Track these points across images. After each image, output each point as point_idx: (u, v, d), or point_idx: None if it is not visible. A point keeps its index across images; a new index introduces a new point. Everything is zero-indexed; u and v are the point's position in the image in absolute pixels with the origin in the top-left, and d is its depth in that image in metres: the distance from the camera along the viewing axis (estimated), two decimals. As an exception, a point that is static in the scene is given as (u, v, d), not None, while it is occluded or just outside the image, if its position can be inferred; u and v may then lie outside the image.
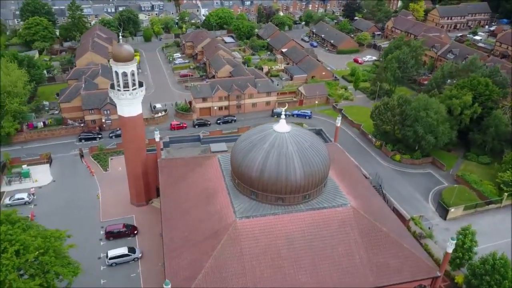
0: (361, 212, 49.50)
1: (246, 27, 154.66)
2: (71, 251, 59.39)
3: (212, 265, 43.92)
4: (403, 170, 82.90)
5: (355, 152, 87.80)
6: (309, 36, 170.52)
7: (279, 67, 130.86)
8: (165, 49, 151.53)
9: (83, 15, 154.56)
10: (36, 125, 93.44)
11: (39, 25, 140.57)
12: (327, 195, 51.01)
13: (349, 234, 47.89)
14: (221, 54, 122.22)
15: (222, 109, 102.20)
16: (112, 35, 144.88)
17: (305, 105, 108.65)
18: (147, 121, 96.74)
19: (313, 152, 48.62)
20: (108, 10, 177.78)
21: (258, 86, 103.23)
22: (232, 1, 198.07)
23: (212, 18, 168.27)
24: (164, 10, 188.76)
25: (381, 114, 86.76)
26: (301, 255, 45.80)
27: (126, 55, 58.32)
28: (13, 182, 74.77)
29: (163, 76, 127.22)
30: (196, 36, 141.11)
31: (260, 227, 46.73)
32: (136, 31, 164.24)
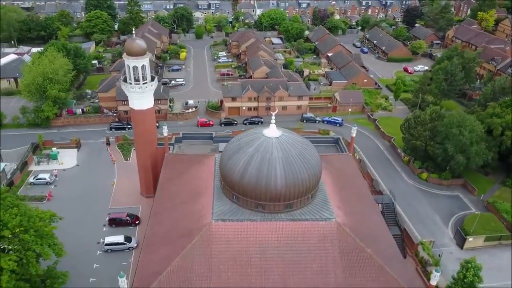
0: (345, 229, 46.52)
1: (295, 29, 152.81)
2: (74, 232, 63.39)
3: (179, 264, 43.69)
4: (428, 189, 77.05)
5: (379, 166, 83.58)
6: (361, 41, 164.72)
7: (320, 71, 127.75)
8: (213, 47, 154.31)
9: (140, 11, 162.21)
10: (75, 111, 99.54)
11: (99, 19, 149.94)
12: (313, 207, 48.60)
13: (328, 250, 45.23)
14: (261, 54, 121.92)
15: (251, 109, 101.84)
16: (163, 30, 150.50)
17: (339, 112, 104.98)
18: (176, 116, 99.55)
19: (299, 160, 46.57)
20: (167, 7, 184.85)
21: (290, 89, 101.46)
22: (288, 3, 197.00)
23: (264, 18, 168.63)
24: (220, 9, 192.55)
25: (411, 128, 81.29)
26: (272, 266, 44.07)
27: (137, 49, 59.84)
28: (42, 163, 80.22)
29: (204, 74, 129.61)
30: (242, 35, 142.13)
31: (235, 232, 45.67)
32: (188, 28, 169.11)
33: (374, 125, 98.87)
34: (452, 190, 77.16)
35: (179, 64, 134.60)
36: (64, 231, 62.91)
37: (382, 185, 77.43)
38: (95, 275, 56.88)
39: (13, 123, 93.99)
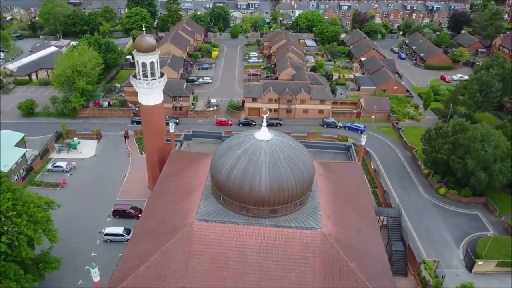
0: (330, 240, 44.75)
1: (330, 31, 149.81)
2: (80, 219, 65.68)
3: (157, 260, 43.90)
4: (444, 206, 72.76)
5: (396, 177, 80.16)
6: (400, 47, 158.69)
7: (350, 76, 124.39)
8: (246, 47, 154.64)
9: (179, 9, 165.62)
10: (102, 104, 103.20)
11: (139, 15, 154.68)
12: (300, 214, 47.15)
13: (308, 261, 43.70)
14: (289, 56, 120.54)
15: (271, 111, 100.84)
16: (198, 29, 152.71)
17: (363, 118, 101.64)
18: (197, 114, 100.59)
19: (287, 165, 45.33)
20: (207, 6, 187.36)
21: (313, 92, 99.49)
22: (328, 5, 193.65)
23: (300, 20, 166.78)
24: (259, 9, 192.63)
25: (431, 140, 77.13)
26: (249, 271, 43.21)
27: (146, 46, 60.82)
28: (62, 151, 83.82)
29: (233, 73, 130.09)
30: (274, 36, 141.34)
31: (216, 234, 45.22)
32: (225, 27, 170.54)
33: (397, 134, 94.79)
34: (471, 208, 72.36)
35: (209, 63, 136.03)
36: (70, 218, 66.14)
37: (394, 197, 74.09)
38: (90, 264, 58.26)
39: (44, 112, 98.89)
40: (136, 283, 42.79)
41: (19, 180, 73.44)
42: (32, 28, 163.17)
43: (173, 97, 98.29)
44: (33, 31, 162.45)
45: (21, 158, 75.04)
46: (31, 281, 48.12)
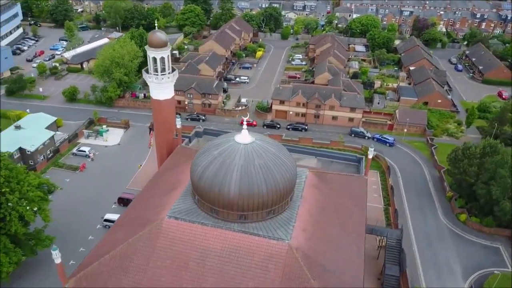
0: (296, 254, 42.71)
1: (382, 37, 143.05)
2: (87, 203, 69.16)
3: (122, 250, 44.74)
4: (462, 234, 66.43)
5: (416, 196, 74.94)
6: (459, 58, 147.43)
7: (393, 85, 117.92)
8: (293, 49, 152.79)
9: (232, 8, 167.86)
10: (138, 95, 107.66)
11: (192, 12, 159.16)
12: (272, 223, 45.52)
13: (269, 272, 42.03)
14: (330, 60, 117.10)
15: (298, 115, 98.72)
16: (247, 28, 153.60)
17: (395, 131, 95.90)
18: (224, 112, 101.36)
19: (260, 171, 43.94)
20: (262, 5, 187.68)
21: (343, 99, 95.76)
22: (389, 10, 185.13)
23: (354, 24, 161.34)
24: (315, 11, 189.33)
25: (457, 160, 70.72)
26: (207, 275, 42.56)
27: (156, 41, 62.12)
28: (90, 137, 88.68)
29: (273, 74, 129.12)
30: (320, 39, 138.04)
31: (183, 232, 45.09)
32: (276, 28, 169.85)
33: (430, 151, 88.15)
34: (493, 240, 65.29)
35: (251, 62, 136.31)
36: (78, 201, 70.14)
37: (406, 218, 69.08)
38: (85, 246, 61.18)
39: (85, 99, 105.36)
40: (99, 270, 43.96)
41: (45, 160, 78.92)
42: (96, 20, 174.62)
43: (203, 94, 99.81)
44: (97, 23, 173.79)
45: (49, 140, 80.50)
46: (20, 255, 51.49)
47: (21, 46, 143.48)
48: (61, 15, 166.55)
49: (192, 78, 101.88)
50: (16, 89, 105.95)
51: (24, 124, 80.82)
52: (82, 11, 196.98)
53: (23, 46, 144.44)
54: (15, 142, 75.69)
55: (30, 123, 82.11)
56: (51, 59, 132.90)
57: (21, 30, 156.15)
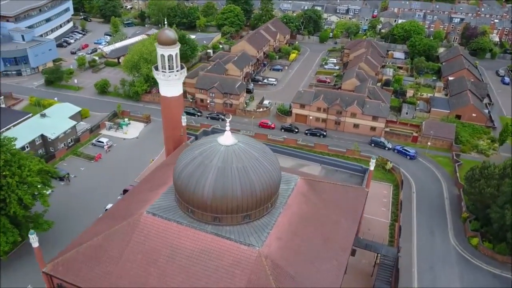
0: (264, 262, 41.70)
1: (424, 45, 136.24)
2: (94, 192, 71.72)
3: (99, 241, 45.99)
4: (471, 259, 61.74)
5: (427, 214, 70.96)
6: (508, 70, 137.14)
7: (428, 95, 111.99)
8: (329, 52, 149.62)
9: (272, 8, 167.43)
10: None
11: (232, 12, 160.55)
12: (246, 228, 44.81)
13: (234, 278, 41.38)
14: (360, 66, 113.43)
15: (319, 120, 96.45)
16: (283, 30, 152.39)
17: (419, 143, 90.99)
18: (244, 113, 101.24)
19: (236, 175, 43.38)
20: (305, 7, 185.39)
21: (366, 107, 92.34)
22: (437, 16, 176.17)
23: (396, 30, 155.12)
24: (358, 15, 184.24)
25: (474, 180, 65.80)
26: (175, 273, 42.62)
27: (164, 39, 63.16)
28: (111, 129, 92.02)
29: (303, 78, 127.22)
30: (355, 44, 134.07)
31: (158, 229, 45.56)
32: (315, 30, 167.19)
33: (453, 167, 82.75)
34: (505, 269, 60.02)
35: (283, 65, 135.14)
36: (87, 190, 72.90)
37: (412, 236, 65.29)
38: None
39: (114, 92, 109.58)
40: (75, 258, 45.48)
41: (65, 148, 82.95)
42: (141, 17, 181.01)
43: (224, 94, 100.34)
44: (141, 20, 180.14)
45: (71, 129, 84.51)
46: (16, 235, 54.39)
47: (68, 39, 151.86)
48: (109, 11, 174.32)
49: (215, 77, 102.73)
50: (53, 79, 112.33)
51: (50, 113, 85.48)
52: (131, 8, 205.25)
53: (70, 39, 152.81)
54: (38, 129, 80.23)
55: (55, 112, 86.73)
56: (93, 53, 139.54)
57: (71, 24, 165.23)
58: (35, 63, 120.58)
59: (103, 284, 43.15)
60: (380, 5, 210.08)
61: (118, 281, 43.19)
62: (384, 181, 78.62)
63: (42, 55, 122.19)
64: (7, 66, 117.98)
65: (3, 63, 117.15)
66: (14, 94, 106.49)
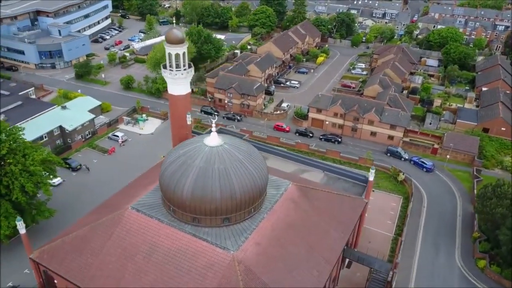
0: (237, 267, 41.13)
1: (459, 53, 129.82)
2: (101, 185, 73.77)
3: (84, 232, 47.17)
4: (476, 282, 58.09)
5: (435, 230, 67.85)
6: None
7: (456, 106, 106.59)
8: (359, 57, 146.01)
9: (304, 11, 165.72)
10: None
11: (263, 13, 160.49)
12: (225, 231, 44.38)
13: (205, 280, 41.08)
14: (386, 72, 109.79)
15: (335, 126, 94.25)
16: (313, 32, 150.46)
17: (439, 155, 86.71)
18: (261, 115, 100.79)
19: (217, 177, 43.05)
20: (340, 10, 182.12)
21: (384, 115, 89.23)
22: (480, 23, 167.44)
23: (432, 36, 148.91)
24: (395, 20, 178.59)
25: (486, 198, 61.85)
26: (149, 270, 42.91)
27: (171, 38, 63.45)
28: (129, 124, 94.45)
29: (327, 81, 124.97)
30: (385, 50, 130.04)
31: (139, 225, 46.09)
32: (348, 34, 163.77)
33: (472, 183, 78.19)
34: (512, 296, 55.95)
35: (309, 68, 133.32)
36: (95, 182, 75.02)
37: (414, 252, 62.24)
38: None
39: (138, 88, 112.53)
40: (60, 247, 46.96)
41: (81, 140, 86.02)
42: (176, 16, 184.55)
43: (242, 95, 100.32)
44: (177, 19, 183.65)
45: (89, 122, 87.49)
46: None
47: (104, 35, 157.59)
48: (146, 9, 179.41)
49: (234, 78, 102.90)
50: (83, 73, 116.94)
51: (70, 105, 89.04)
52: (169, 6, 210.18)
53: (106, 35, 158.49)
54: (58, 120, 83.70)
55: (76, 105, 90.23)
56: (125, 49, 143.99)
57: (109, 21, 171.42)
58: (69, 57, 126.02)
59: (83, 275, 44.23)
60: (422, 9, 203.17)
61: (96, 273, 44.13)
62: (394, 193, 75.62)
63: (75, 49, 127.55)
64: (43, 59, 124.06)
65: (39, 56, 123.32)
66: (45, 86, 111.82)
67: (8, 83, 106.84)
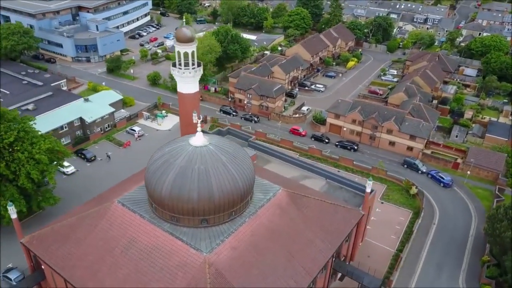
0: (207, 270, 40.82)
1: (501, 63, 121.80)
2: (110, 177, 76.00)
3: (72, 222, 48.68)
4: (477, 309, 54.24)
5: (441, 250, 64.26)
6: None
7: (490, 119, 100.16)
8: (393, 63, 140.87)
9: (340, 14, 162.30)
10: (210, 89, 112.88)
11: (298, 15, 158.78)
12: (202, 232, 44.14)
13: (176, 279, 41.07)
14: (415, 80, 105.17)
15: (353, 133, 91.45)
16: (346, 36, 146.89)
17: (460, 171, 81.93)
18: (279, 117, 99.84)
19: (196, 177, 42.89)
20: (380, 14, 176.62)
21: (404, 124, 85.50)
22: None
23: (474, 44, 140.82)
24: (437, 26, 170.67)
25: (496, 220, 57.59)
26: (124, 264, 43.50)
27: (180, 36, 64.57)
28: (148, 119, 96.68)
29: (355, 87, 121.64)
30: (419, 56, 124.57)
31: (123, 219, 46.88)
32: (384, 39, 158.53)
33: (492, 203, 73.20)
34: (515, 328, 51.71)
35: (338, 72, 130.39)
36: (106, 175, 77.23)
37: (415, 271, 59.09)
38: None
39: (163, 84, 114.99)
40: (49, 234, 48.74)
41: (100, 132, 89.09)
42: (213, 15, 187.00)
43: (261, 96, 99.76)
44: (213, 18, 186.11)
45: (108, 115, 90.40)
46: (23, 206, 59.66)
47: (142, 32, 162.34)
48: (185, 8, 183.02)
49: (255, 78, 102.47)
50: (113, 68, 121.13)
51: (93, 98, 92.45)
52: (208, 5, 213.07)
53: (144, 32, 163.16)
54: (79, 112, 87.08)
55: (98, 98, 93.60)
56: (159, 46, 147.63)
57: (148, 18, 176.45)
58: (103, 52, 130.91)
59: (64, 263, 45.62)
60: (471, 16, 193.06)
61: (77, 263, 45.36)
62: (405, 207, 72.27)
63: (110, 44, 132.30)
64: (79, 53, 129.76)
65: (76, 49, 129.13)
66: (77, 79, 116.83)
67: (43, 74, 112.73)
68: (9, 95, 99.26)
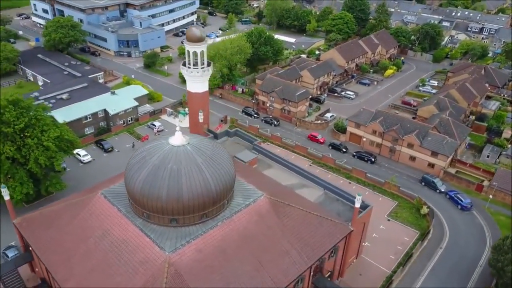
0: (166, 269, 41.01)
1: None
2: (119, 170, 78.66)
3: (59, 208, 51.13)
4: None
5: (447, 274, 60.75)
6: None
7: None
8: (436, 74, 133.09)
9: (386, 19, 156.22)
10: (237, 89, 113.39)
11: (341, 19, 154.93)
12: (171, 231, 44.57)
13: (136, 274, 41.73)
14: (451, 94, 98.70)
15: (373, 144, 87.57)
16: (388, 43, 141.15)
17: (484, 194, 75.69)
18: (299, 122, 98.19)
19: (167, 177, 43.40)
20: (431, 21, 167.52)
21: (427, 139, 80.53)
22: None
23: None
24: (494, 36, 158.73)
25: (502, 252, 52.51)
26: (94, 255, 44.87)
27: (190, 36, 65.75)
28: (171, 116, 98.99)
29: (388, 96, 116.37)
30: (462, 68, 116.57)
31: (102, 211, 48.40)
32: (431, 48, 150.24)
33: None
34: None
35: (374, 79, 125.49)
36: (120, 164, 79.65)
37: (405, 296, 55.53)
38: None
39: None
40: (37, 218, 51.50)
41: (122, 124, 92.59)
42: (259, 16, 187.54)
43: (283, 100, 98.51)
44: (258, 19, 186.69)
45: (132, 109, 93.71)
46: (30, 188, 63.42)
47: (185, 30, 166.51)
48: (231, 8, 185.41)
49: (279, 82, 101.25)
50: (149, 63, 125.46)
51: (120, 92, 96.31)
52: (257, 6, 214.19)
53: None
54: (104, 104, 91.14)
55: (124, 91, 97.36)
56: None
57: (195, 17, 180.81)
58: (143, 47, 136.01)
59: (45, 248, 47.94)
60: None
61: (56, 248, 47.47)
62: (412, 227, 67.98)
63: (150, 41, 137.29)
64: (121, 47, 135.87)
65: (118, 44, 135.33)
66: (115, 72, 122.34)
67: (84, 66, 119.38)
68: (50, 84, 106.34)
